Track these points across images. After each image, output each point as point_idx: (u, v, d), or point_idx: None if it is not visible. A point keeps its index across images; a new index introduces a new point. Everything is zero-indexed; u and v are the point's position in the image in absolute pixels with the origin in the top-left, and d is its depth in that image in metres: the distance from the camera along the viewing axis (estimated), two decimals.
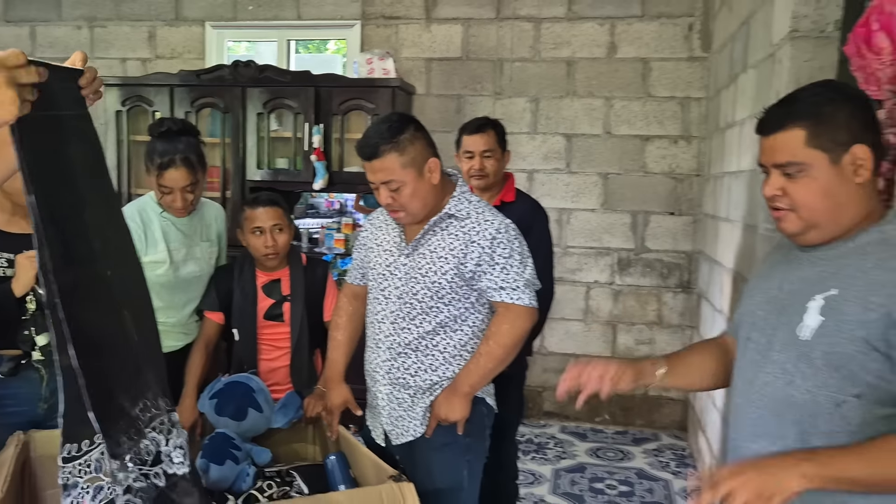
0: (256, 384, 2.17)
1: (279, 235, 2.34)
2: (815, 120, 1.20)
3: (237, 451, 2.06)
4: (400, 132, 1.82)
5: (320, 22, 4.56)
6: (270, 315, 2.38)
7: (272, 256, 2.36)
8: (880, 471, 1.08)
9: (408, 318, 1.89)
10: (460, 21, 4.36)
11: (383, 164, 1.81)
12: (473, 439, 1.95)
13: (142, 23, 4.74)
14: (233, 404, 2.12)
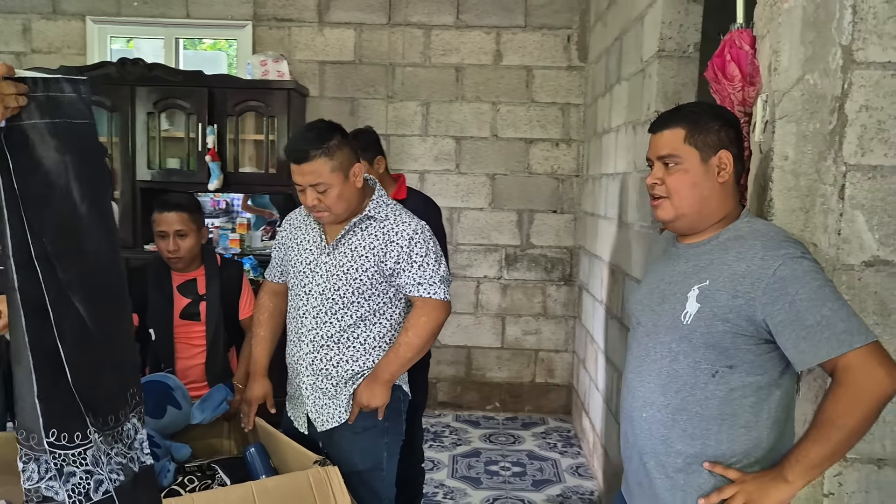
0: (174, 382, 2.21)
1: (182, 240, 2.39)
2: (693, 124, 1.47)
3: (156, 448, 2.10)
4: (329, 138, 1.95)
5: (210, 21, 4.54)
6: (186, 314, 2.43)
7: (174, 260, 2.41)
8: (832, 441, 1.28)
9: (329, 312, 2.02)
10: (353, 26, 4.48)
11: (312, 167, 1.92)
12: (391, 423, 2.11)
13: (15, 15, 4.52)
14: (150, 402, 2.15)
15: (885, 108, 1.39)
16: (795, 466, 1.30)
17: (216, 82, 4.13)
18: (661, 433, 1.46)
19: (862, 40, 1.38)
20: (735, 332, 1.37)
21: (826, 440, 1.28)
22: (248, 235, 4.44)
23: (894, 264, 1.42)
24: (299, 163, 1.94)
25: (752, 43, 1.73)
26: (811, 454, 1.29)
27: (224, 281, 2.46)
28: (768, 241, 1.37)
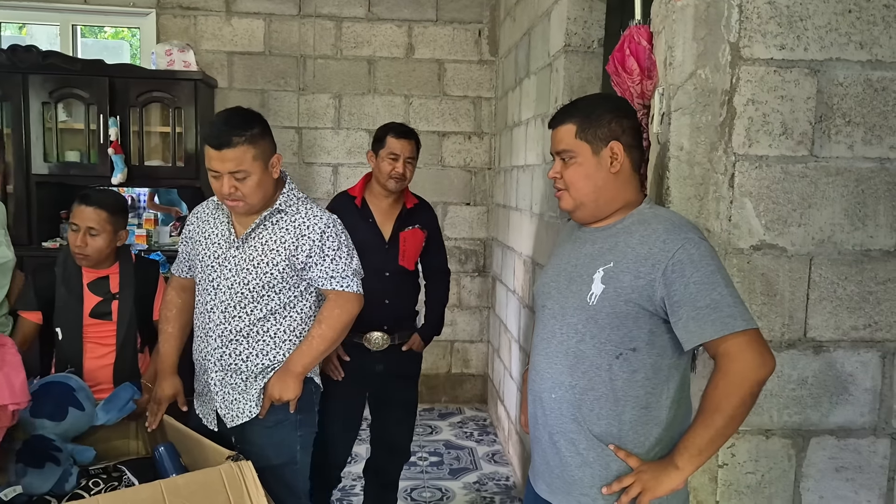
0: (76, 382, 2.11)
1: (91, 239, 2.28)
2: (584, 119, 1.53)
3: (58, 452, 2.01)
4: (252, 126, 1.92)
5: (110, 8, 4.35)
6: (97, 313, 2.32)
7: (80, 257, 2.30)
8: (715, 426, 1.35)
9: (239, 306, 1.99)
10: (262, 16, 4.39)
11: (235, 154, 1.88)
12: (304, 415, 2.09)
13: None
14: (50, 404, 2.05)
15: (769, 102, 1.49)
16: (684, 453, 1.38)
17: (117, 72, 3.97)
18: (570, 413, 1.51)
19: (748, 38, 1.48)
20: (637, 313, 1.44)
21: (709, 426, 1.36)
22: (155, 231, 4.29)
23: (779, 248, 1.53)
24: (220, 148, 1.89)
25: (649, 38, 1.81)
26: (697, 440, 1.37)
27: (139, 280, 2.37)
28: (670, 225, 1.45)
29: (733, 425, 1.37)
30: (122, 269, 2.37)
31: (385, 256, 2.71)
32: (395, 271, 2.72)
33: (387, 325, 2.70)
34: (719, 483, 1.57)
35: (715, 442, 1.38)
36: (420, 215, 2.82)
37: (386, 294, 2.65)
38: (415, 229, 2.78)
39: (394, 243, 2.73)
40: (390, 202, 2.76)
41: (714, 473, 1.58)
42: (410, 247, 2.77)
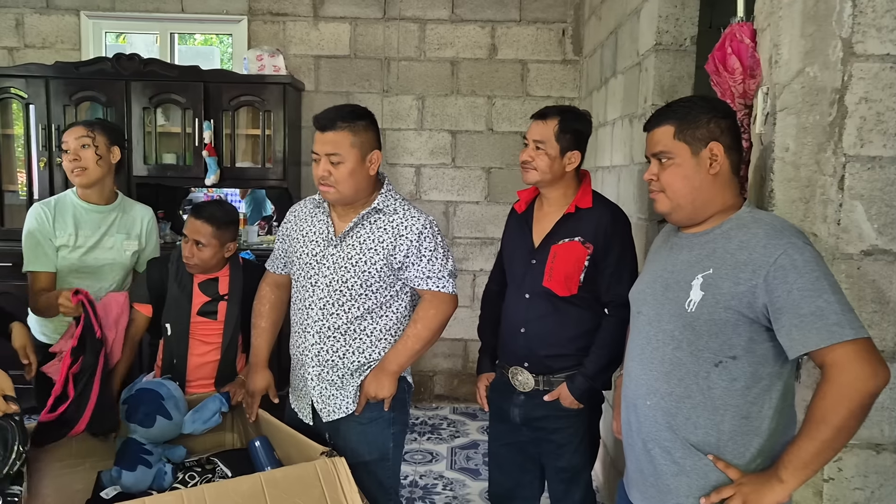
0: (167, 391, 2.19)
1: (198, 250, 2.36)
2: (682, 119, 1.50)
3: (148, 455, 2.10)
4: (359, 118, 2.00)
5: (204, 16, 4.52)
6: (204, 312, 2.41)
7: (188, 265, 2.39)
8: (821, 439, 1.29)
9: (336, 304, 2.03)
10: (348, 20, 4.48)
11: (335, 137, 1.96)
12: (397, 413, 2.13)
13: (7, 9, 4.50)
14: (140, 411, 2.14)
15: (883, 100, 1.42)
16: (789, 466, 1.33)
17: (212, 77, 4.13)
18: (666, 421, 1.48)
19: (861, 33, 1.41)
20: (737, 321, 1.40)
21: (815, 438, 1.30)
22: (244, 231, 4.44)
23: (892, 253, 1.46)
24: (324, 130, 1.97)
25: (752, 36, 1.75)
26: (802, 453, 1.31)
27: (246, 284, 2.43)
28: (771, 229, 1.40)
29: (841, 439, 1.30)
30: (231, 273, 2.45)
31: (527, 273, 2.20)
32: (537, 294, 2.17)
33: (527, 361, 2.20)
34: (825, 499, 1.51)
35: (821, 455, 1.32)
36: (586, 224, 2.13)
37: (521, 322, 2.20)
38: (573, 242, 2.13)
39: (542, 257, 2.18)
40: (553, 200, 2.21)
41: (819, 488, 1.52)
42: (562, 265, 2.13)
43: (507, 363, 2.27)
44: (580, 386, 2.13)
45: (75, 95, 4.11)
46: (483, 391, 2.38)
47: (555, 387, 2.17)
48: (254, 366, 2.25)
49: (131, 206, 2.70)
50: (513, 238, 2.33)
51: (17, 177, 4.33)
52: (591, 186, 2.24)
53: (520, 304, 2.22)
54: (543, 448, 2.25)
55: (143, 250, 2.66)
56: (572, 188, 2.21)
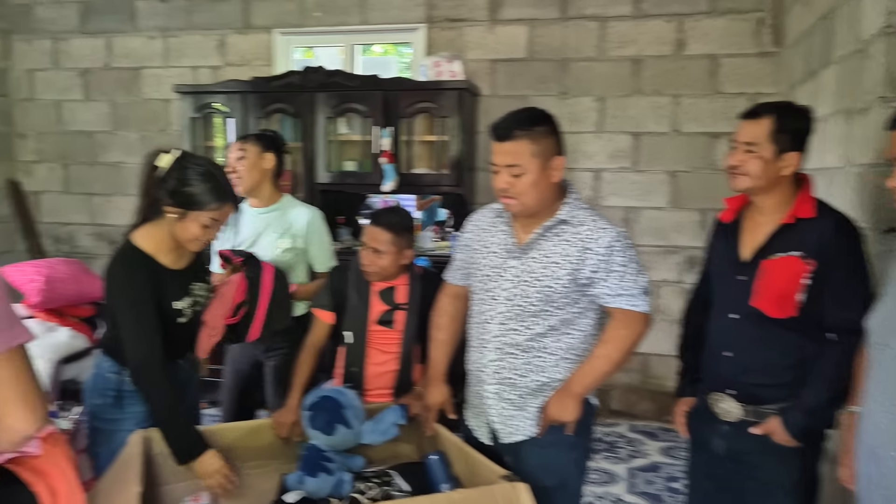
0: (347, 400, 2.19)
1: (376, 257, 2.35)
2: None
3: (329, 462, 2.11)
4: (538, 123, 1.87)
5: (385, 26, 4.63)
6: (382, 321, 2.41)
7: (366, 273, 2.40)
8: None
9: (517, 319, 1.93)
10: (525, 22, 4.38)
11: (514, 147, 1.84)
12: (580, 438, 1.99)
13: (212, 31, 4.87)
14: (322, 419, 2.16)
15: None
16: None
17: (390, 85, 4.20)
18: None
19: None
20: None
21: None
22: (418, 236, 4.48)
23: None
24: (501, 140, 1.86)
25: None
26: None
27: (425, 293, 2.40)
28: None
29: None
30: (410, 282, 2.43)
31: (733, 291, 1.98)
32: (745, 314, 1.94)
33: (732, 388, 1.98)
34: None
35: None
36: (807, 236, 1.85)
37: (727, 344, 2.00)
38: (790, 257, 1.86)
39: (751, 274, 1.93)
40: (767, 209, 1.95)
41: None
42: (775, 282, 1.87)
43: (709, 388, 2.06)
44: (797, 422, 1.86)
45: (267, 108, 4.35)
46: (682, 417, 2.19)
47: (764, 419, 1.91)
48: (431, 379, 2.20)
49: (292, 208, 2.83)
50: (717, 251, 2.11)
51: None
52: (812, 193, 1.95)
53: (725, 325, 2.00)
54: (748, 487, 1.99)
55: (304, 250, 2.77)
56: (789, 195, 1.93)
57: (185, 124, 4.49)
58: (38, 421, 1.11)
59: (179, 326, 2.09)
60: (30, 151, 5.31)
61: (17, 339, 1.12)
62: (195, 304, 2.14)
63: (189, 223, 2.00)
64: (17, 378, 1.11)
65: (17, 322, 1.14)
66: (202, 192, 1.99)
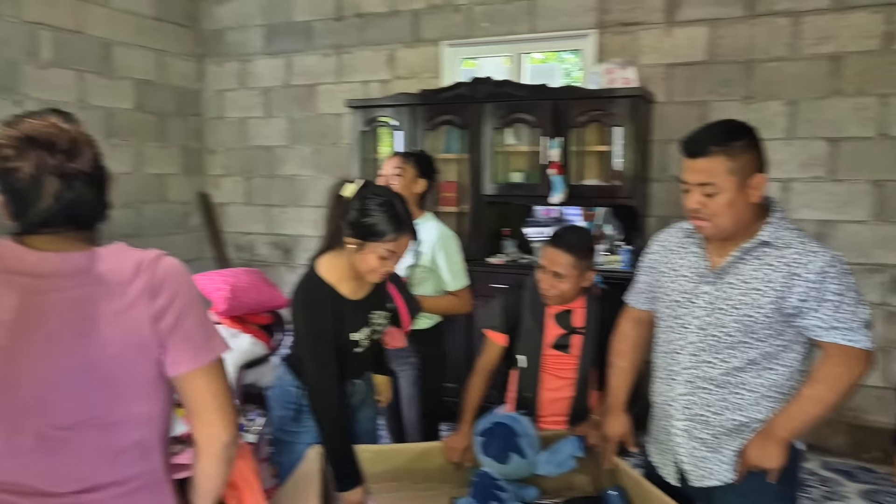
0: (522, 427, 2.10)
1: (557, 281, 2.24)
2: None
3: (501, 491, 2.03)
4: (736, 137, 1.68)
5: (554, 34, 4.51)
6: (557, 345, 2.31)
7: (545, 296, 2.29)
8: None
9: (711, 351, 1.74)
10: (705, 22, 4.09)
11: (707, 164, 1.67)
12: (785, 486, 1.76)
13: (382, 46, 4.99)
14: (495, 446, 2.08)
15: None
16: None
17: (560, 94, 4.07)
18: None
19: None
20: None
21: None
22: None
23: None
24: (694, 157, 1.69)
25: None
26: None
27: (604, 316, 2.26)
28: None
29: None
30: (588, 304, 2.30)
31: None
32: None
33: None
34: None
35: None
36: None
37: None
38: None
39: None
40: None
41: None
42: None
43: None
44: None
45: (435, 120, 4.37)
46: None
47: None
48: (610, 408, 2.05)
49: (423, 226, 2.75)
50: None
51: None
52: None
53: None
54: None
55: (432, 269, 2.75)
56: None
57: (355, 137, 4.62)
58: (232, 431, 1.14)
59: (355, 355, 2.08)
60: (218, 166, 5.72)
61: (217, 350, 1.15)
62: (373, 333, 2.11)
63: (367, 254, 1.95)
64: (216, 389, 1.14)
65: (215, 333, 1.16)
66: (380, 223, 1.93)
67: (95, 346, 1.11)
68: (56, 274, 1.14)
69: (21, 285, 1.13)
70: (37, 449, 1.13)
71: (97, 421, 1.13)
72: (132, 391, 1.13)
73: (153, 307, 1.11)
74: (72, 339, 1.11)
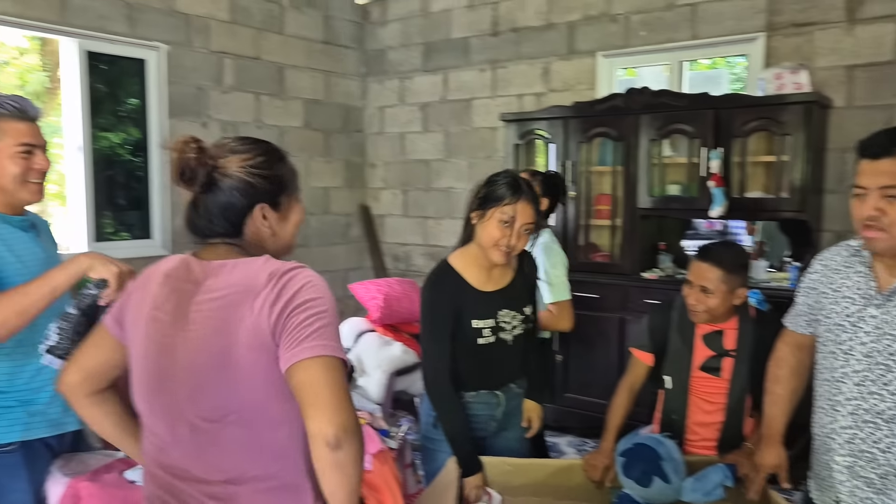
0: (666, 451, 1.99)
1: (704, 296, 2.12)
2: None
3: None
4: None
5: (717, 39, 4.28)
6: (707, 367, 2.19)
7: (692, 313, 2.17)
8: None
9: (879, 381, 1.57)
10: (894, 18, 3.72)
11: (892, 166, 1.52)
12: None
13: (537, 60, 4.99)
14: (638, 468, 1.99)
15: None
16: None
17: (723, 103, 3.86)
18: None
19: None
20: None
21: None
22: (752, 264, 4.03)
23: None
24: (875, 157, 1.54)
25: None
26: None
27: (758, 338, 2.12)
28: None
29: None
30: (740, 325, 2.16)
31: None
32: None
33: None
34: None
35: None
36: None
37: None
38: None
39: None
40: None
41: None
42: None
43: None
44: None
45: (589, 133, 4.31)
46: None
47: None
48: (765, 438, 1.90)
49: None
50: None
51: None
52: None
53: None
54: None
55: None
56: None
57: (509, 150, 4.65)
58: (337, 429, 1.11)
59: (481, 349, 2.08)
60: (378, 179, 5.98)
61: (323, 350, 1.16)
62: (498, 330, 2.10)
63: (488, 224, 2.01)
64: (331, 385, 1.14)
65: (327, 335, 1.18)
66: (498, 188, 2.02)
67: (231, 346, 1.20)
68: (207, 280, 1.26)
69: (182, 290, 1.27)
70: (191, 439, 1.24)
71: (236, 416, 1.22)
72: (262, 391, 1.21)
73: (275, 310, 1.18)
74: (213, 339, 1.22)
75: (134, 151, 4.59)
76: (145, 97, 4.50)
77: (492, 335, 2.09)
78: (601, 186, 4.48)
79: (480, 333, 2.08)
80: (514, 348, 2.16)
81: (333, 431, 1.10)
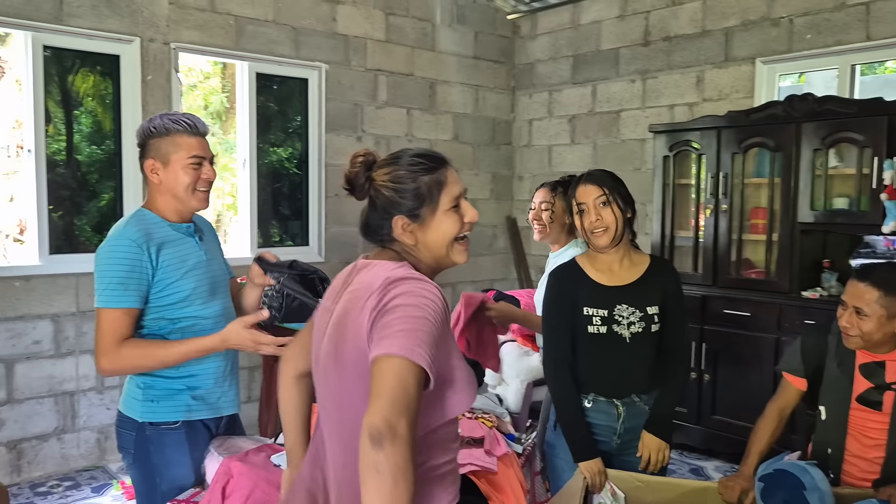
0: (811, 480, 1.85)
1: (857, 319, 1.97)
2: None
3: None
4: None
5: (893, 40, 3.94)
6: (865, 400, 2.03)
7: (845, 336, 2.02)
8: None
9: None
10: None
11: None
12: None
13: (691, 69, 4.82)
14: (779, 496, 1.87)
15: None
16: None
17: None
18: None
19: None
20: None
21: None
22: None
23: None
24: None
25: None
26: None
27: None
28: None
29: None
30: None
31: None
32: None
33: None
34: None
35: None
36: None
37: None
38: None
39: None
40: None
41: None
42: None
43: None
44: None
45: (744, 143, 4.10)
46: None
47: None
48: None
49: (565, 252, 2.75)
50: None
51: (688, 223, 4.57)
52: None
53: None
54: None
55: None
56: None
57: (658, 162, 4.52)
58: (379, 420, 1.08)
59: (594, 340, 2.07)
60: (525, 191, 6.02)
61: (414, 357, 1.14)
62: (612, 321, 2.06)
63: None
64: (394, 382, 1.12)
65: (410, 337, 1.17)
66: None
67: (342, 339, 1.30)
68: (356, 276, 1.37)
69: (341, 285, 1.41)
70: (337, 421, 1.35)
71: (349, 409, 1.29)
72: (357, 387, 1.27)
73: (374, 313, 1.24)
74: (334, 330, 1.34)
75: (299, 165, 4.96)
76: (307, 114, 4.85)
77: (603, 325, 2.07)
78: (757, 199, 4.25)
79: (591, 321, 2.08)
80: (633, 349, 2.07)
81: (377, 423, 1.07)
